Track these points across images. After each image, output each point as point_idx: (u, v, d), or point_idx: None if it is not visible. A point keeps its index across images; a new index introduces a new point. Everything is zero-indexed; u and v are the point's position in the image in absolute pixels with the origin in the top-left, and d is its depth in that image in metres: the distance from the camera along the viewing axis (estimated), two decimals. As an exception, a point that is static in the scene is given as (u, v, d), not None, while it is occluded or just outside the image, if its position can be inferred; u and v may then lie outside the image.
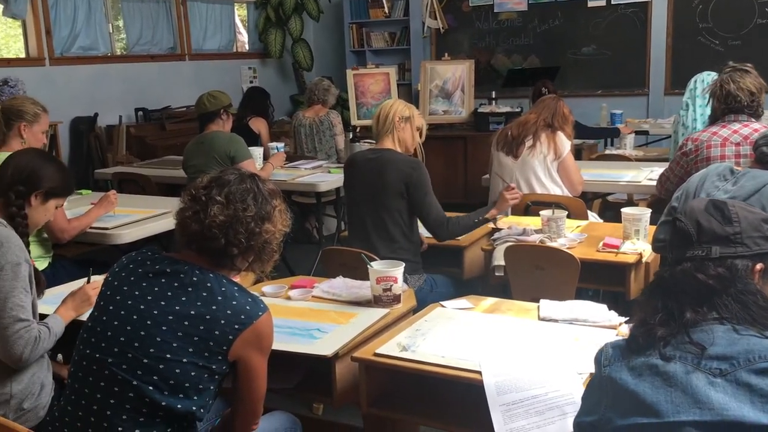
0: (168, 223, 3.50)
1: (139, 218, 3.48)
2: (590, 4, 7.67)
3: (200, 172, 4.18)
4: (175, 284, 1.66)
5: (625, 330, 2.05)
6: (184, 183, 4.43)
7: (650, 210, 3.08)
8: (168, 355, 1.59)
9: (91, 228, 3.32)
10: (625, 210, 3.07)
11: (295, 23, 8.24)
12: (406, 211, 3.06)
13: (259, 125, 5.54)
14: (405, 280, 2.99)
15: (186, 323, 1.61)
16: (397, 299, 2.36)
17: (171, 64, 7.32)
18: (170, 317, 1.62)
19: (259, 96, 5.73)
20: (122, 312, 1.64)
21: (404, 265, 2.40)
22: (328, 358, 2.00)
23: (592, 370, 1.79)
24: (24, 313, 2.02)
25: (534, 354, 1.94)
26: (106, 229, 3.32)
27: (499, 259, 3.04)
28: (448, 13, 8.31)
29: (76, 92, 6.35)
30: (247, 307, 1.66)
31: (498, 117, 6.53)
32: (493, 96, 7.12)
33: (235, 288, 1.69)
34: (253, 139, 5.47)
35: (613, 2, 7.56)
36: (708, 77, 4.35)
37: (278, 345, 2.04)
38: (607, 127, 5.57)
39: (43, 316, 2.22)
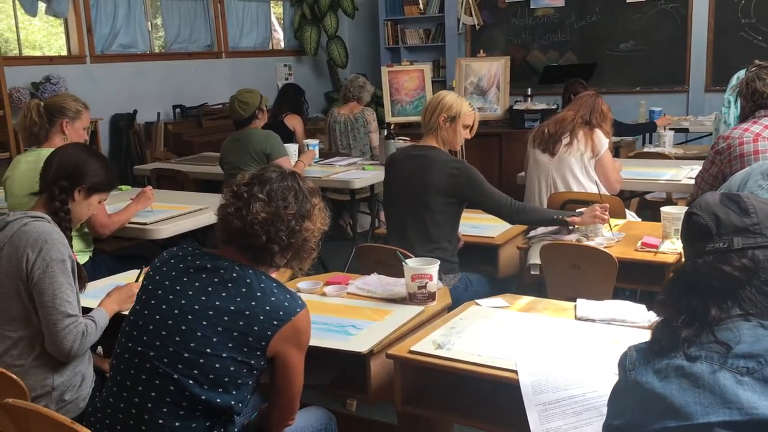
0: (205, 219, 3.55)
1: (176, 214, 3.53)
2: (629, 0, 7.56)
3: (236, 168, 4.33)
4: (216, 280, 1.68)
5: (664, 331, 2.01)
6: (220, 179, 4.50)
7: (690, 209, 3.02)
8: (208, 350, 1.61)
9: (130, 223, 3.37)
10: (664, 209, 3.02)
11: (330, 20, 8.27)
12: (447, 212, 3.00)
13: (294, 122, 5.56)
14: (440, 279, 3.00)
15: (226, 318, 1.63)
16: (432, 297, 2.35)
17: (208, 62, 7.40)
18: (210, 312, 1.64)
19: (294, 93, 5.75)
20: (164, 306, 1.67)
21: (439, 262, 2.39)
22: (363, 355, 2.01)
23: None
24: (72, 308, 2.07)
25: (571, 354, 1.92)
26: (145, 224, 3.37)
27: (534, 258, 3.01)
28: (484, 9, 8.26)
29: (116, 89, 6.45)
30: (286, 304, 1.67)
31: (533, 114, 6.47)
32: (529, 93, 7.06)
33: (274, 284, 1.70)
34: (288, 136, 5.50)
35: (652, -3, 7.45)
36: (751, 74, 4.26)
37: (314, 341, 2.04)
38: (643, 123, 5.48)
39: (86, 310, 2.27)
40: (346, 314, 2.29)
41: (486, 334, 2.08)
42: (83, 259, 3.23)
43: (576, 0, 7.80)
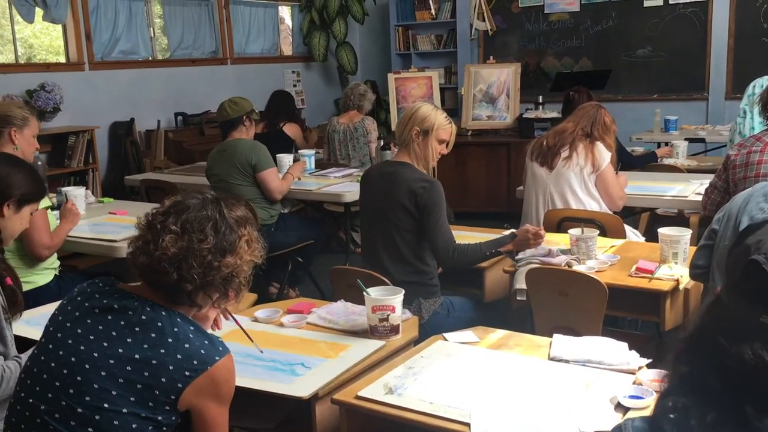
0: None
1: (150, 230, 3.35)
2: (646, 4, 7.28)
3: (222, 180, 4.18)
4: (122, 323, 1.49)
5: (643, 377, 1.79)
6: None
7: (690, 231, 2.78)
8: (105, 405, 1.42)
9: (98, 240, 3.21)
10: (662, 230, 2.78)
11: (339, 26, 8.10)
12: (417, 232, 2.83)
13: (294, 130, 5.41)
14: (419, 305, 2.81)
15: (128, 368, 1.44)
16: (394, 330, 2.15)
17: (212, 68, 7.27)
18: (111, 361, 1.45)
19: (287, 100, 5.60)
20: (61, 352, 1.48)
21: (403, 292, 2.19)
22: (305, 400, 1.81)
23: (598, 428, 1.56)
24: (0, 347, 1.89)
25: (535, 402, 1.71)
26: (114, 241, 3.21)
27: (520, 282, 2.80)
28: (497, 14, 8.03)
29: (116, 97, 6.34)
30: (202, 351, 1.48)
31: (543, 123, 6.23)
32: (540, 100, 6.82)
33: (191, 328, 1.51)
34: (289, 145, 5.35)
35: (670, 2, 7.16)
36: (769, 82, 4.01)
37: (254, 383, 1.89)
38: (642, 155, 5.09)
39: (27, 342, 2.10)
40: (298, 349, 2.10)
41: (445, 377, 1.88)
42: (47, 278, 3.07)
43: (591, 5, 7.54)
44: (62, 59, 6.14)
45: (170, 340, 1.47)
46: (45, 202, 3.04)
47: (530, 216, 3.73)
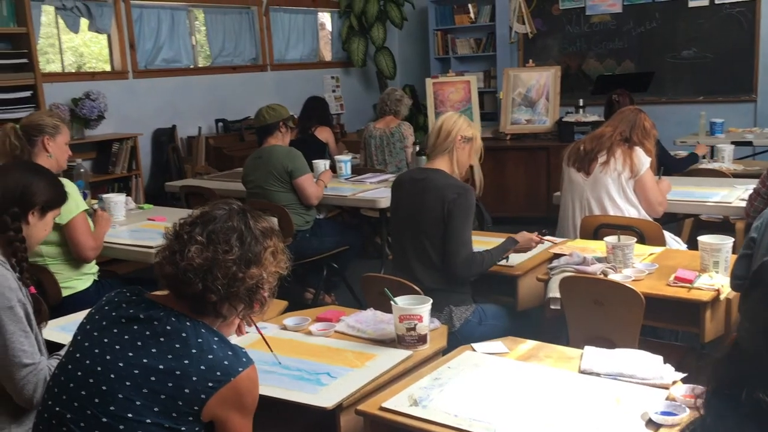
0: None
1: (186, 236, 3.38)
2: (691, 4, 7.10)
3: (258, 187, 4.21)
4: (147, 333, 1.49)
5: (676, 393, 1.73)
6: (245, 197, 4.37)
7: (732, 239, 2.69)
8: (129, 415, 1.43)
9: (135, 246, 3.26)
10: (702, 238, 2.70)
11: (378, 31, 8.10)
12: None
13: (326, 135, 5.43)
14: (449, 313, 2.78)
15: (152, 378, 1.45)
16: (422, 340, 2.13)
17: (253, 75, 7.33)
18: (135, 371, 1.46)
19: (320, 105, 5.63)
20: (87, 362, 1.50)
21: (431, 302, 2.16)
22: (329, 411, 1.80)
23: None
24: (27, 357, 1.93)
25: (561, 419, 1.66)
26: (151, 247, 3.25)
27: (554, 291, 2.74)
28: (537, 17, 7.93)
29: (159, 104, 6.45)
30: (225, 362, 1.48)
31: (583, 126, 6.12)
32: (581, 104, 6.71)
33: (215, 339, 1.51)
34: (321, 149, 5.36)
35: (716, 2, 6.97)
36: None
37: (279, 392, 1.88)
38: (684, 156, 4.94)
39: (57, 346, 2.14)
40: (325, 358, 2.08)
41: (472, 388, 1.84)
42: (86, 283, 3.13)
43: (634, 6, 7.40)
44: (109, 68, 6.27)
45: (194, 351, 1.47)
46: (83, 206, 3.11)
47: (566, 222, 3.66)
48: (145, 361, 1.46)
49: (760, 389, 0.87)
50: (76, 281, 3.07)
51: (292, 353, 2.13)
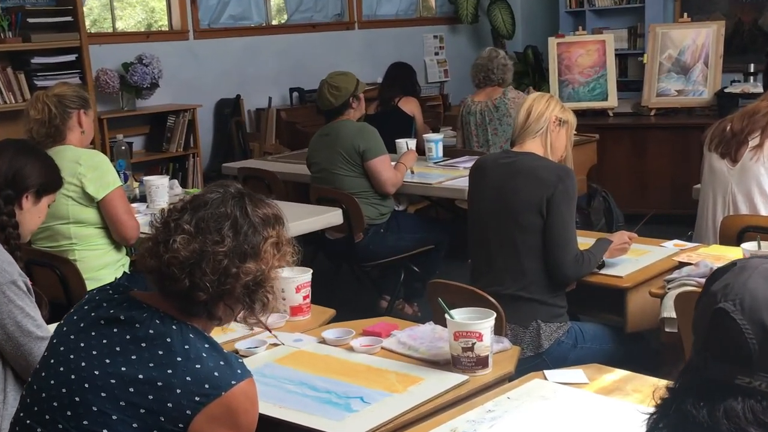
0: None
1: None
2: None
3: (324, 170, 4.33)
4: (128, 337, 1.58)
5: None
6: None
7: None
8: (104, 430, 1.53)
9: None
10: None
11: (493, -21, 8.08)
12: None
13: (412, 107, 5.49)
14: (537, 330, 2.78)
15: (131, 390, 1.54)
16: (481, 363, 2.14)
17: (336, 35, 7.49)
18: (112, 381, 1.55)
19: (405, 72, 5.69)
20: (61, 368, 1.61)
21: (494, 316, 2.18)
22: (353, 442, 1.86)
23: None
24: (41, 330, 2.15)
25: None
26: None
27: (670, 310, 2.67)
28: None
29: (222, 70, 6.69)
30: (216, 374, 1.55)
31: (751, 99, 5.86)
32: (752, 70, 6.44)
33: (206, 345, 1.59)
34: (407, 125, 5.42)
35: None
36: None
37: (300, 416, 1.96)
38: None
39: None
40: (362, 379, 2.14)
41: (531, 426, 1.85)
42: (114, 275, 3.33)
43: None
44: (166, 26, 6.57)
45: (179, 359, 1.55)
46: (119, 181, 3.39)
47: (704, 222, 3.55)
48: (123, 369, 1.55)
49: (688, 401, 1.03)
50: (104, 271, 3.29)
51: (324, 372, 2.19)
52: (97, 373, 1.57)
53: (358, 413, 1.96)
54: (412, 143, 4.84)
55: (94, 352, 1.59)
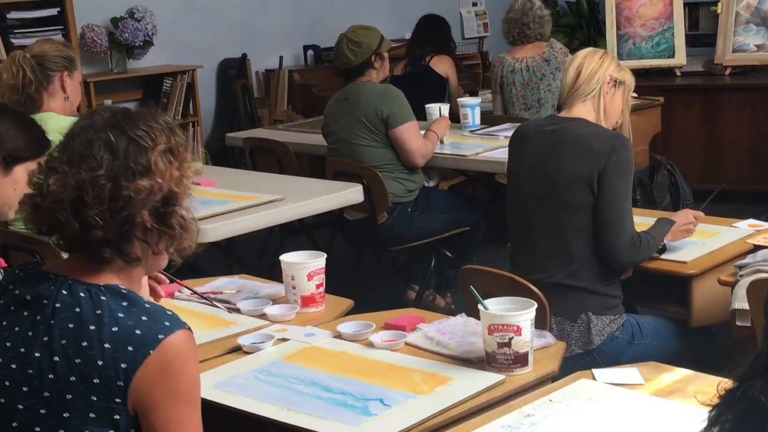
0: (273, 216, 3.60)
1: (235, 207, 3.58)
2: None
3: (342, 140, 4.36)
4: (38, 317, 1.59)
5: None
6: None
7: None
8: (37, 429, 1.57)
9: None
10: None
11: None
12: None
13: (445, 67, 5.50)
14: (586, 323, 2.80)
15: (50, 376, 1.56)
16: (520, 360, 2.16)
17: (360, -19, 7.49)
18: (30, 371, 1.57)
19: (438, 27, 5.69)
20: None
21: (535, 306, 2.19)
22: (370, 450, 1.89)
23: None
24: None
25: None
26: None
27: (741, 300, 2.68)
28: None
29: (226, 25, 6.73)
30: (137, 332, 1.54)
31: None
32: None
33: (123, 304, 1.58)
34: (440, 87, 5.42)
35: None
36: None
37: (310, 420, 1.99)
38: None
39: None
40: (383, 379, 2.17)
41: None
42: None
43: None
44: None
45: (92, 327, 1.55)
46: None
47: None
48: (37, 355, 1.57)
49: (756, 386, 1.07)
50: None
51: (339, 370, 2.22)
52: (14, 366, 1.59)
53: (377, 417, 1.99)
54: (445, 108, 4.85)
55: (8, 344, 1.61)
